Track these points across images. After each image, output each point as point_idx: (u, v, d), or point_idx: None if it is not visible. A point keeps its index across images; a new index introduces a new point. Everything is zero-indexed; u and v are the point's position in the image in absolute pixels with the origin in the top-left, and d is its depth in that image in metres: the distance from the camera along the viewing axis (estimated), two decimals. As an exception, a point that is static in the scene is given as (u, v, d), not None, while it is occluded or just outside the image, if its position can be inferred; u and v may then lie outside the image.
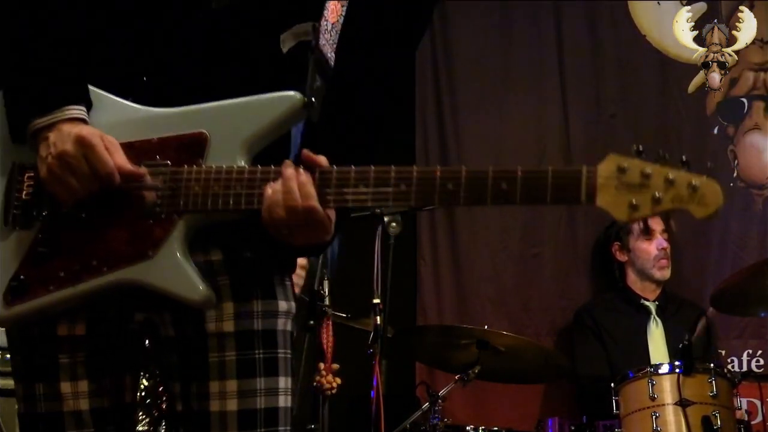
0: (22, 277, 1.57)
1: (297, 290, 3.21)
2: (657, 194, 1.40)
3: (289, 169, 1.53)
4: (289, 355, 1.69)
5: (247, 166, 1.55)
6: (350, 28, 1.71)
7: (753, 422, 4.08)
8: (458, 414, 4.26)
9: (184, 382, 1.65)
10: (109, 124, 1.58)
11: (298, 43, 1.67)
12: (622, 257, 4.49)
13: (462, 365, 3.64)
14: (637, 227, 4.42)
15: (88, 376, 1.62)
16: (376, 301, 3.29)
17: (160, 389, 2.73)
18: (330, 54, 1.69)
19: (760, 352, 4.59)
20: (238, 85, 1.60)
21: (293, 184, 1.51)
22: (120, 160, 1.55)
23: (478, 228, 4.72)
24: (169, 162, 1.56)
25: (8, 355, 4.62)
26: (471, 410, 4.43)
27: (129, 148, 1.57)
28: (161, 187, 1.55)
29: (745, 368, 4.51)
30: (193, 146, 1.57)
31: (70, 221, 1.57)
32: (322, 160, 1.55)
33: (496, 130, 4.81)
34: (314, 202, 1.51)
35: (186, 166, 1.56)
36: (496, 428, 3.70)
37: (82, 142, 1.53)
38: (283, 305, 1.69)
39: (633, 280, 4.46)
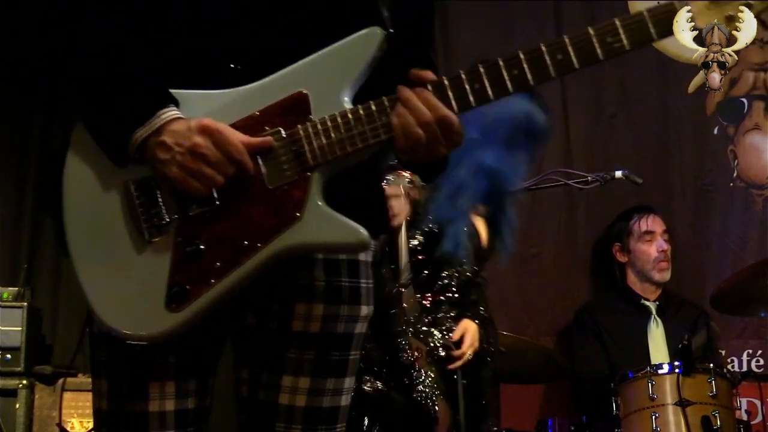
0: (178, 281, 1.56)
1: (400, 220, 3.21)
2: None
3: (405, 91, 1.55)
4: (358, 356, 1.72)
5: (359, 105, 1.56)
6: None
7: (753, 422, 4.08)
8: (458, 414, 4.26)
9: (253, 369, 1.67)
10: (205, 115, 1.57)
11: None
12: (622, 258, 4.48)
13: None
14: (637, 228, 4.43)
15: (175, 378, 1.62)
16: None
17: None
18: None
19: (760, 352, 4.59)
20: (308, 41, 1.60)
21: (416, 102, 1.54)
22: (243, 138, 1.55)
23: (478, 228, 4.71)
24: (280, 129, 1.57)
25: (8, 355, 4.53)
26: (471, 410, 4.42)
27: (235, 129, 1.56)
28: (281, 152, 1.56)
29: (745, 368, 4.51)
30: (296, 107, 1.57)
31: (205, 214, 1.57)
32: (430, 74, 1.57)
33: (496, 129, 4.80)
34: (444, 110, 1.54)
35: (299, 125, 1.57)
36: (496, 428, 3.70)
37: (207, 131, 1.53)
38: (364, 310, 1.72)
39: (633, 280, 4.46)
